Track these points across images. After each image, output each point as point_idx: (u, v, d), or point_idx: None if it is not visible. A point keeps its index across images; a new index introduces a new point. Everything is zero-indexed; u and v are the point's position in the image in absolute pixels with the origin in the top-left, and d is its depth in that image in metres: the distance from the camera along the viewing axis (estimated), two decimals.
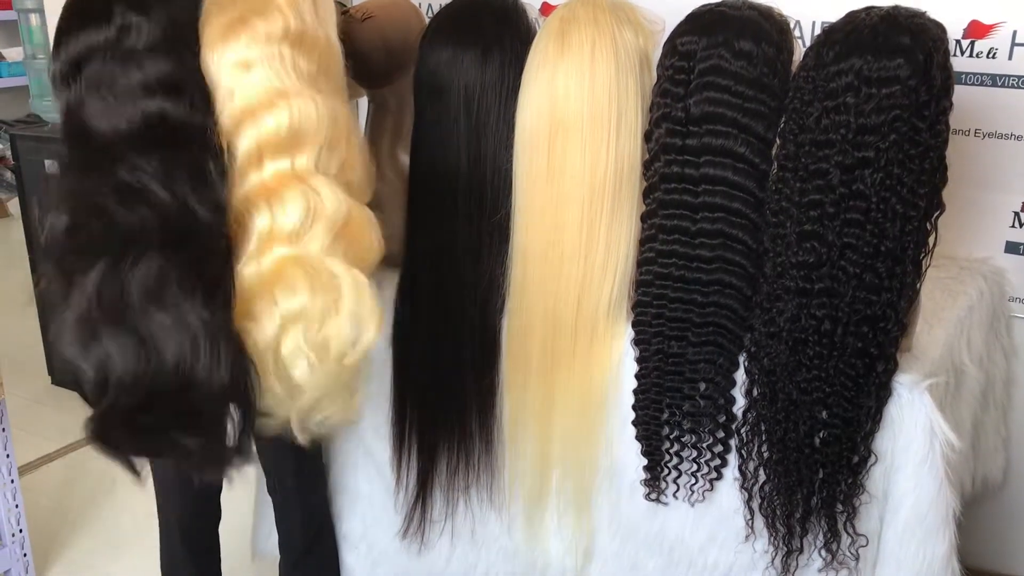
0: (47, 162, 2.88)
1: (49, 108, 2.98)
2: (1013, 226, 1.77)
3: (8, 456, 2.01)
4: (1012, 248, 1.78)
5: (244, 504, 2.00)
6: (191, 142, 1.23)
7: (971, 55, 1.70)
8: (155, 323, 1.20)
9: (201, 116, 1.24)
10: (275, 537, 1.87)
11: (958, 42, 1.69)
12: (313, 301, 1.26)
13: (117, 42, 1.21)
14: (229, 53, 1.24)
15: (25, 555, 2.09)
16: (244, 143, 1.24)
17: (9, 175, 4.69)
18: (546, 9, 2.04)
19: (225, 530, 1.80)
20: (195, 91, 1.24)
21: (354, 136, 1.33)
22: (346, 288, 1.28)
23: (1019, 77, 1.69)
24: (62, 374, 3.05)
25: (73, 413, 2.97)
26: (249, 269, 1.27)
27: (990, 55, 1.69)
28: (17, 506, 2.05)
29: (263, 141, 1.24)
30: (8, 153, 3.64)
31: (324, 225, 1.26)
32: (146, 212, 1.20)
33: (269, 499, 1.85)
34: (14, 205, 4.79)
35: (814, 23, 1.81)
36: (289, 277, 1.26)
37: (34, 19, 3.00)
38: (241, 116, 1.24)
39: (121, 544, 2.29)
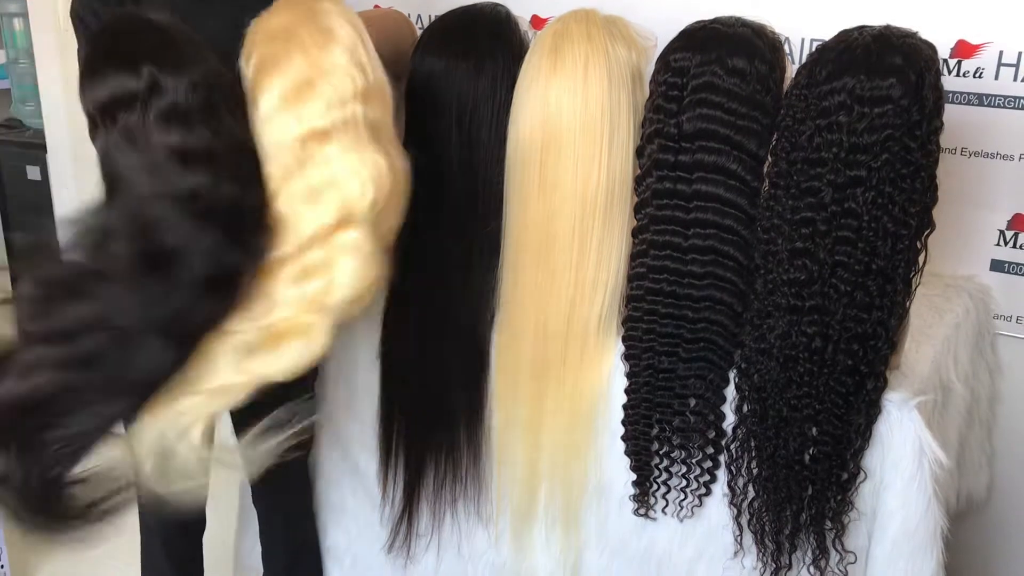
0: (29, 168, 2.86)
1: (31, 113, 2.95)
2: (998, 244, 1.78)
3: None
4: (997, 266, 1.79)
5: (227, 516, 1.98)
6: (221, 217, 1.16)
7: (958, 74, 1.71)
8: None
9: (236, 189, 1.17)
10: (258, 550, 1.86)
11: (945, 61, 1.70)
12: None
13: (149, 99, 1.13)
14: (298, 122, 1.19)
15: (2, 567, 2.06)
16: (321, 216, 1.20)
17: None
18: (536, 21, 2.04)
19: (208, 542, 1.79)
20: (233, 161, 1.18)
21: (406, 183, 1.31)
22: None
23: (1005, 96, 1.70)
24: None
25: None
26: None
27: (976, 75, 1.71)
28: None
29: (345, 213, 1.20)
30: None
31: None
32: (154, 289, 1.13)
33: (253, 512, 1.83)
34: None
35: (803, 40, 1.82)
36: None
37: (17, 23, 2.97)
38: (318, 189, 1.20)
39: (99, 559, 2.26)
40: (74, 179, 2.63)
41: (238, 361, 1.21)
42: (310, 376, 1.67)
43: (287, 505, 1.79)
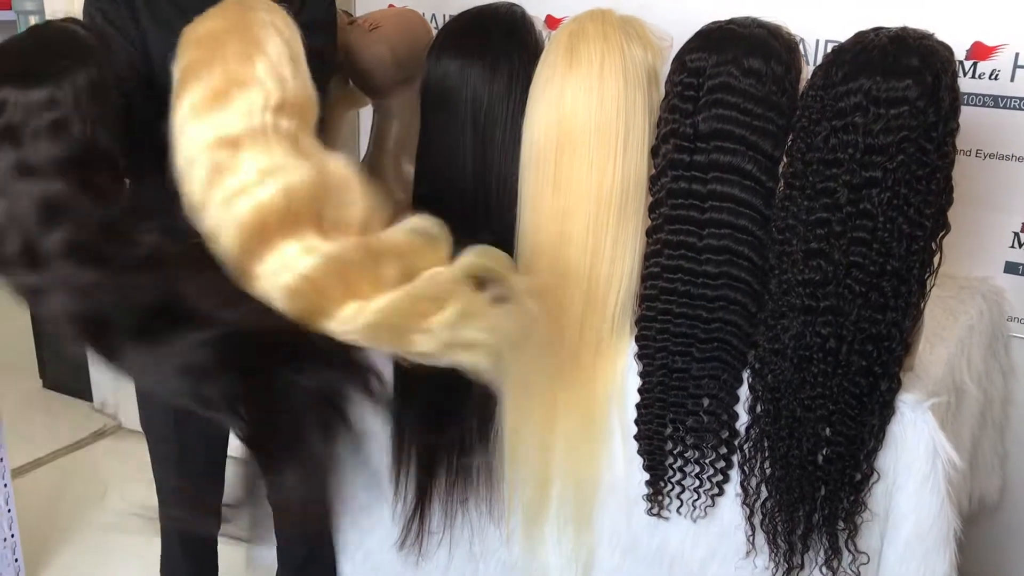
0: None
1: None
2: (1013, 246, 1.78)
3: (1, 460, 2.00)
4: (1011, 268, 1.79)
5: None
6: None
7: (974, 76, 1.71)
8: None
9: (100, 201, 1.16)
10: (273, 545, 1.86)
11: (961, 63, 1.70)
12: None
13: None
14: (208, 129, 1.17)
15: (16, 560, 2.07)
16: (238, 221, 1.16)
17: None
18: (551, 21, 2.04)
19: (223, 538, 1.79)
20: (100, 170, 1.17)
21: (352, 179, 1.25)
22: None
23: (1020, 99, 1.70)
24: (54, 377, 3.04)
25: (64, 417, 2.97)
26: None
27: (992, 76, 1.70)
28: (10, 511, 2.03)
29: (260, 218, 1.16)
30: None
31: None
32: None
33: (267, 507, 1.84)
34: None
35: (818, 41, 1.82)
36: None
37: (33, 21, 2.99)
38: (232, 197, 1.16)
39: (112, 549, 2.27)
40: None
41: None
42: None
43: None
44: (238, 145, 1.17)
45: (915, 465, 1.28)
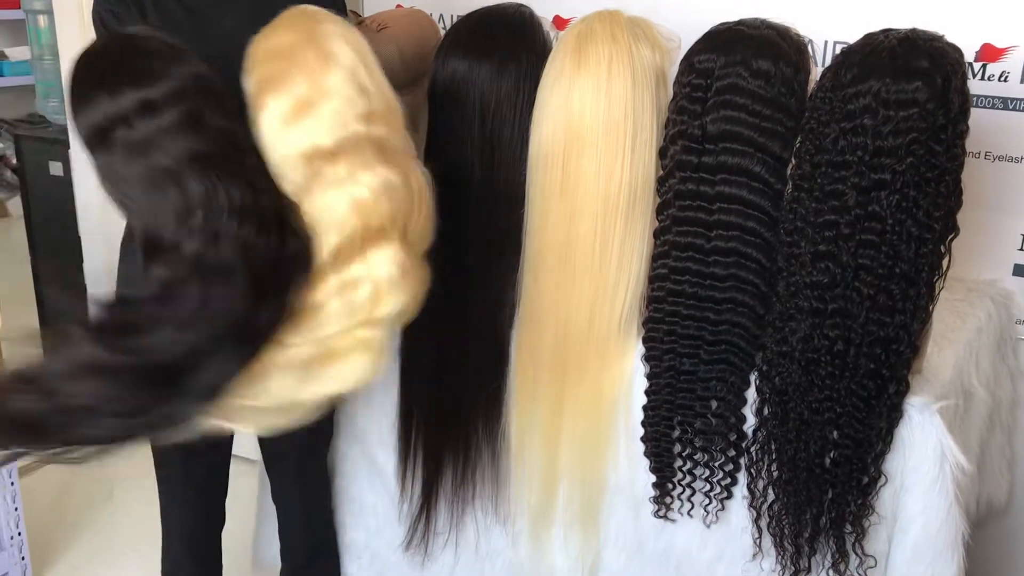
0: (51, 164, 2.88)
1: (55, 109, 2.97)
2: (1021, 249, 1.77)
3: None
4: (1020, 271, 1.78)
5: (247, 511, 1.99)
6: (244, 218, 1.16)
7: (983, 78, 1.70)
8: None
9: (243, 190, 1.17)
10: (277, 545, 1.86)
11: (970, 65, 1.69)
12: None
13: (139, 114, 1.13)
14: (300, 138, 1.20)
15: (23, 558, 2.07)
16: (343, 227, 1.21)
17: (9, 175, 4.67)
18: (558, 22, 2.04)
19: (227, 537, 1.79)
20: (233, 162, 1.18)
21: (425, 193, 1.32)
22: None
23: None
24: None
25: None
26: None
27: (1002, 78, 1.70)
28: (16, 509, 2.04)
29: (364, 224, 1.21)
30: (8, 152, 3.63)
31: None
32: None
33: (272, 507, 1.84)
34: (15, 205, 4.76)
35: (827, 43, 1.82)
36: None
37: (42, 20, 3.00)
38: (333, 204, 1.21)
39: (119, 548, 2.28)
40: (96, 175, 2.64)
41: (300, 378, 1.23)
42: None
43: (306, 501, 1.80)
44: (336, 157, 1.20)
45: (923, 468, 1.27)
